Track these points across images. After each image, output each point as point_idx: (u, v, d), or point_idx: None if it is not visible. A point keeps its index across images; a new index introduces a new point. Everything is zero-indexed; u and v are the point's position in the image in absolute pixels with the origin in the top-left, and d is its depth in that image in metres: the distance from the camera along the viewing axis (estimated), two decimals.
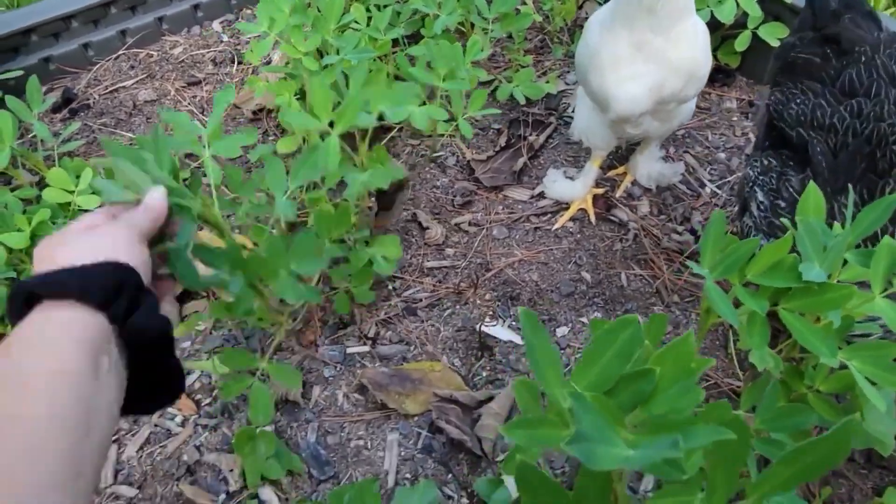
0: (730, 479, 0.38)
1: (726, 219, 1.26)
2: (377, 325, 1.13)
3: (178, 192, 0.64)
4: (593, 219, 1.29)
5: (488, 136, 1.46)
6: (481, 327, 1.11)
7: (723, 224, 0.64)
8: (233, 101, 1.53)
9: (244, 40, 1.71)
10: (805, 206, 0.66)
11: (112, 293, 0.54)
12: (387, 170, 0.94)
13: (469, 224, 1.29)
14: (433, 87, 1.08)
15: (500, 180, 1.36)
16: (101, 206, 0.63)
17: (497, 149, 1.42)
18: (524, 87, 1.43)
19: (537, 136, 1.44)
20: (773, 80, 1.08)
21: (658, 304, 1.15)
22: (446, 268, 1.22)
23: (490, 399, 1.01)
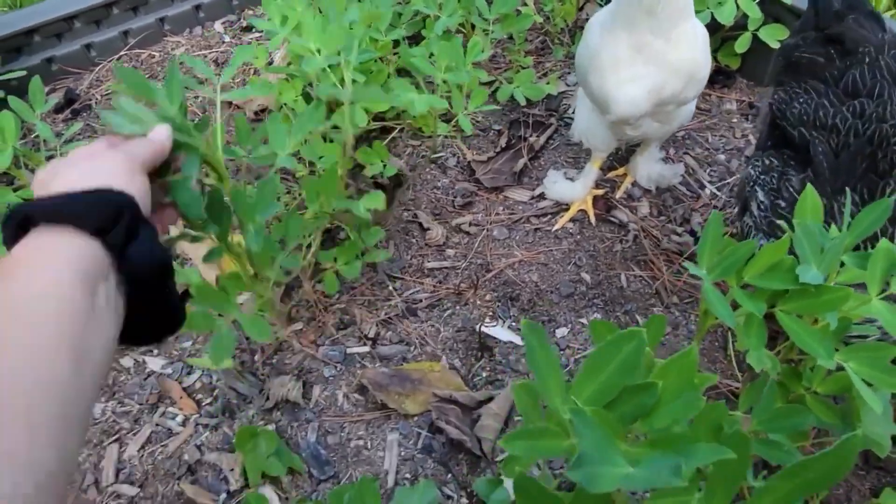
0: (728, 491, 0.38)
1: (726, 220, 1.27)
2: (377, 325, 1.13)
3: (184, 128, 0.63)
4: (593, 220, 1.29)
5: (489, 137, 1.46)
6: (481, 328, 1.12)
7: (720, 225, 0.64)
8: (234, 101, 1.53)
9: (246, 41, 1.71)
10: (803, 208, 0.67)
11: (109, 221, 0.51)
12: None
13: (469, 225, 1.29)
14: (434, 84, 1.09)
15: (501, 181, 1.36)
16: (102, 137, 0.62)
17: (497, 150, 1.42)
18: (525, 88, 1.43)
19: (538, 137, 1.45)
20: (777, 79, 1.08)
21: (658, 306, 1.16)
22: (447, 268, 1.22)
23: (490, 399, 1.02)
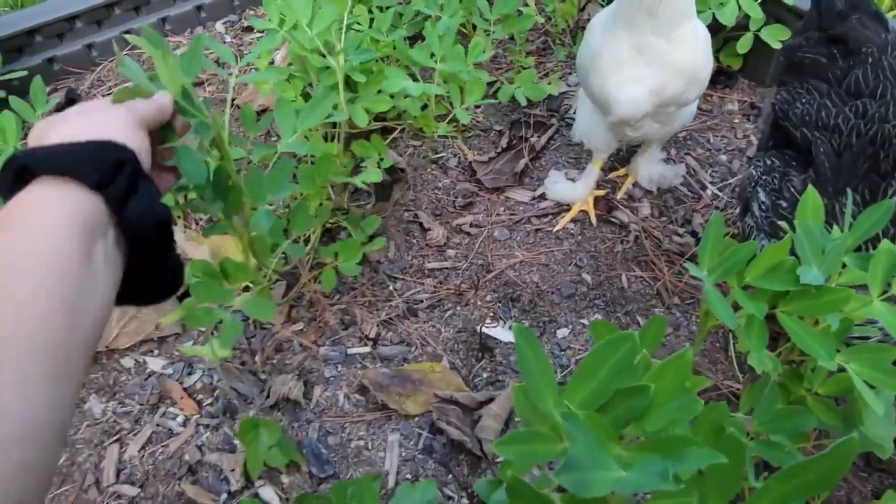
0: (724, 494, 0.38)
1: (728, 221, 1.27)
2: (378, 325, 1.13)
3: (191, 98, 0.63)
4: (594, 220, 1.29)
5: (490, 138, 1.46)
6: (482, 328, 1.12)
7: (721, 226, 0.64)
8: (235, 102, 1.53)
9: (247, 41, 1.71)
10: (804, 209, 0.66)
11: (109, 174, 0.50)
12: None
13: (470, 225, 1.29)
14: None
15: (502, 182, 1.36)
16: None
17: (498, 150, 1.42)
18: (526, 89, 1.43)
19: (539, 137, 1.45)
20: (780, 79, 1.08)
21: (659, 306, 1.15)
22: (447, 269, 1.22)
23: (490, 400, 1.02)
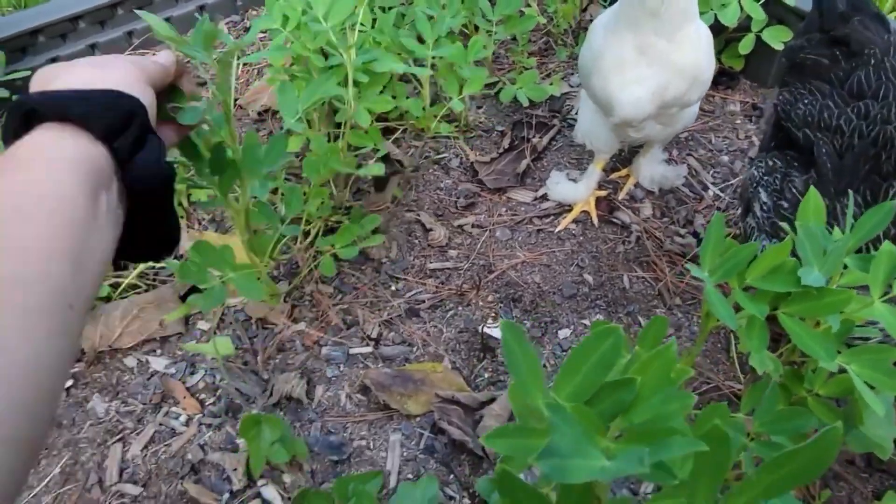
0: (711, 485, 0.38)
1: (729, 221, 1.27)
2: (380, 325, 1.14)
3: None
4: (596, 221, 1.29)
5: (491, 138, 1.46)
6: (483, 329, 1.12)
7: (723, 227, 0.64)
8: (238, 102, 1.54)
9: (250, 42, 1.72)
10: (805, 210, 0.67)
11: (118, 125, 0.49)
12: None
13: (472, 226, 1.29)
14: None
15: (504, 182, 1.37)
16: None
17: (500, 151, 1.42)
18: (528, 89, 1.43)
19: (540, 138, 1.45)
20: (782, 80, 1.08)
21: (660, 307, 1.16)
22: (449, 269, 1.22)
23: (492, 400, 1.02)
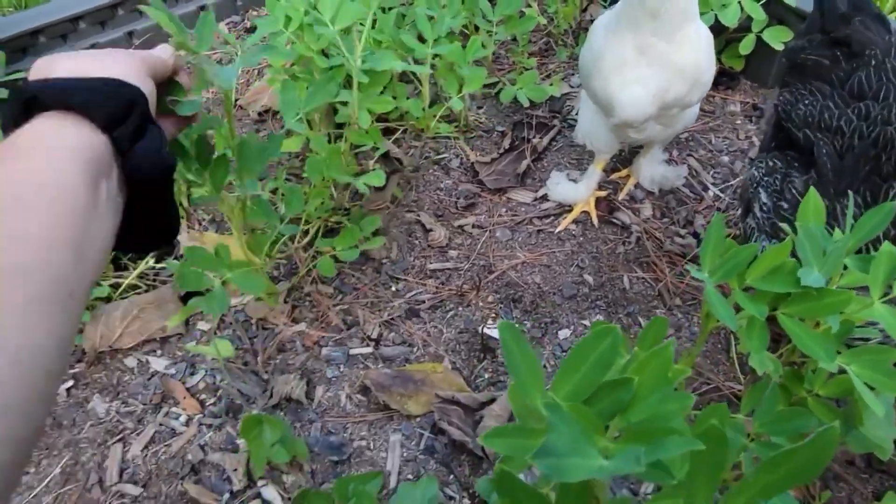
0: (709, 484, 0.38)
1: (729, 221, 1.27)
2: (380, 326, 1.14)
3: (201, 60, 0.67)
4: (596, 221, 1.29)
5: (492, 139, 1.47)
6: (483, 329, 1.12)
7: (723, 228, 0.64)
8: (238, 103, 1.54)
9: (250, 42, 1.72)
10: (805, 211, 0.67)
11: (119, 114, 0.49)
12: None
13: (472, 226, 1.29)
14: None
15: (504, 182, 1.37)
16: None
17: (501, 151, 1.43)
18: (528, 90, 1.43)
19: (541, 138, 1.45)
20: (782, 80, 1.08)
21: (660, 307, 1.16)
22: (449, 270, 1.22)
23: (492, 401, 1.02)
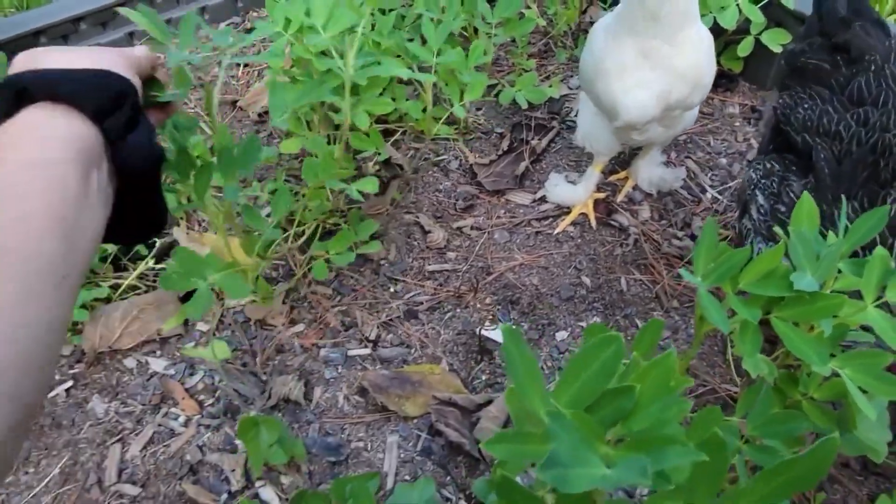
0: (708, 492, 0.38)
1: (727, 223, 1.27)
2: (378, 327, 1.14)
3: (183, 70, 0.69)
4: (594, 223, 1.29)
5: (491, 140, 1.47)
6: (481, 331, 1.12)
7: (716, 231, 0.64)
8: (238, 104, 1.54)
9: (250, 43, 1.72)
10: (799, 216, 0.67)
11: (109, 105, 0.49)
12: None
13: (471, 228, 1.30)
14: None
15: (503, 184, 1.37)
16: None
17: (499, 153, 1.43)
18: (527, 92, 1.43)
19: (539, 140, 1.45)
20: (782, 83, 1.08)
21: (657, 310, 1.16)
22: (447, 271, 1.23)
23: (489, 402, 1.02)
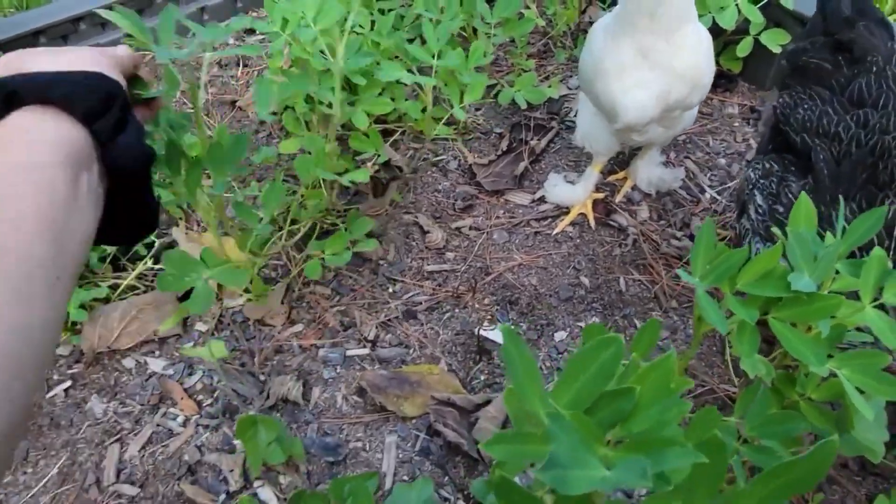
0: (707, 494, 0.38)
1: (726, 223, 1.27)
2: (377, 327, 1.14)
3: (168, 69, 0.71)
4: (593, 224, 1.29)
5: (490, 140, 1.47)
6: (480, 331, 1.12)
7: (714, 232, 0.64)
8: (238, 104, 1.55)
9: (249, 43, 1.72)
10: (797, 216, 0.67)
11: (98, 107, 0.49)
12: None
13: (469, 228, 1.30)
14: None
15: (502, 184, 1.37)
16: None
17: (498, 153, 1.43)
18: (526, 92, 1.43)
19: (539, 140, 1.45)
20: (783, 82, 1.08)
21: (656, 310, 1.16)
22: (446, 271, 1.23)
23: (487, 403, 1.02)
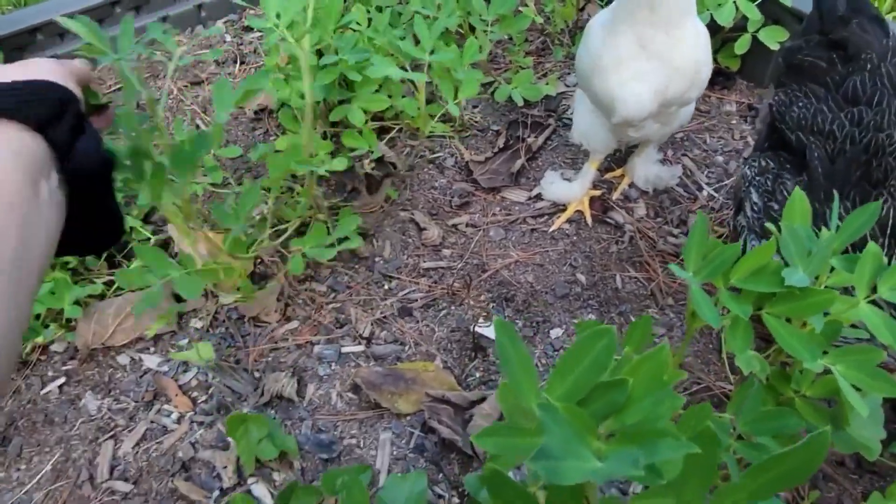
0: (700, 487, 0.38)
1: (724, 221, 1.27)
2: (372, 324, 1.14)
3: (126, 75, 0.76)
4: (590, 221, 1.29)
5: (487, 138, 1.46)
6: (475, 328, 1.12)
7: (707, 227, 0.64)
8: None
9: (247, 40, 1.72)
10: (791, 213, 0.67)
11: (51, 115, 0.49)
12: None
13: (466, 225, 1.29)
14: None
15: (498, 182, 1.37)
16: None
17: (495, 150, 1.42)
18: (523, 89, 1.43)
19: (536, 137, 1.45)
20: (779, 80, 1.08)
21: (652, 307, 1.16)
22: (442, 268, 1.22)
23: (482, 400, 1.02)
